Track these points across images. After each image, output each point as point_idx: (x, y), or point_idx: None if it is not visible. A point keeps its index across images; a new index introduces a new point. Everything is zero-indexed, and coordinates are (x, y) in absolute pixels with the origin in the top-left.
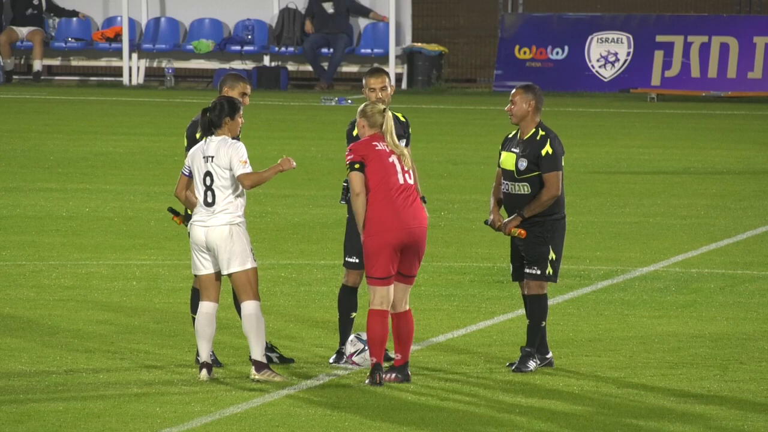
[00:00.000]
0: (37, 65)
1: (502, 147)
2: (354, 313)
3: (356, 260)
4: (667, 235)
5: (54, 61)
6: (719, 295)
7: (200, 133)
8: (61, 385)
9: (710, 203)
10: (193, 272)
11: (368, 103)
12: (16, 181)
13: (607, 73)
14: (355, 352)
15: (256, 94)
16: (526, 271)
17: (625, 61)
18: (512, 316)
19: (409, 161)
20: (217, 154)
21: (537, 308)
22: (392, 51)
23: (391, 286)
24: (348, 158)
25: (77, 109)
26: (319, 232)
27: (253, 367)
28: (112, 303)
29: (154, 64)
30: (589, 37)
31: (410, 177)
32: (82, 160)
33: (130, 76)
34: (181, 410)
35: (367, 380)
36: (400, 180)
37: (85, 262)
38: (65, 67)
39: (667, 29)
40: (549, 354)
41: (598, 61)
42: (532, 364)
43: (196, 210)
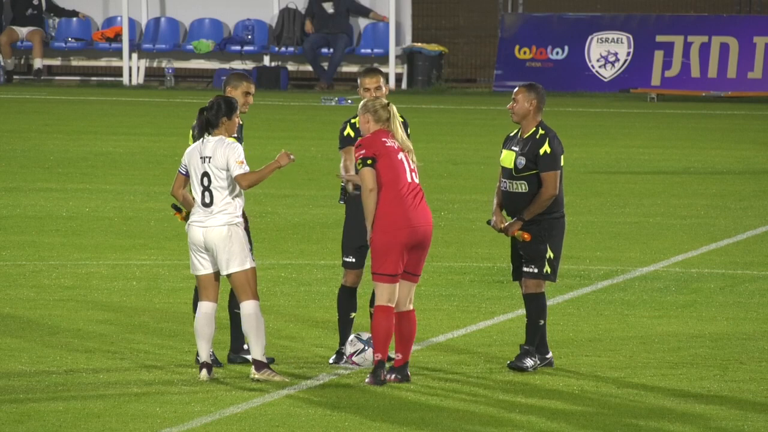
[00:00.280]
0: (38, 63)
1: (503, 145)
2: (354, 314)
3: (353, 260)
4: (667, 235)
5: (54, 61)
6: (719, 295)
7: (197, 133)
8: (61, 385)
9: (710, 203)
10: (192, 272)
11: (370, 98)
12: (16, 181)
13: (607, 73)
14: (355, 352)
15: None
16: (524, 269)
17: (625, 61)
18: (512, 316)
19: (415, 159)
20: (214, 154)
21: (535, 307)
22: (392, 51)
23: (398, 284)
24: (359, 154)
25: (77, 109)
26: (319, 232)
27: (253, 367)
28: (112, 303)
29: (154, 64)
30: (589, 37)
31: (416, 175)
32: (82, 160)
33: (130, 76)
34: (181, 410)
35: (367, 379)
36: (408, 178)
37: (85, 262)
38: (65, 67)
39: (667, 29)
40: (549, 354)
41: (598, 61)
42: (529, 361)
43: (193, 210)
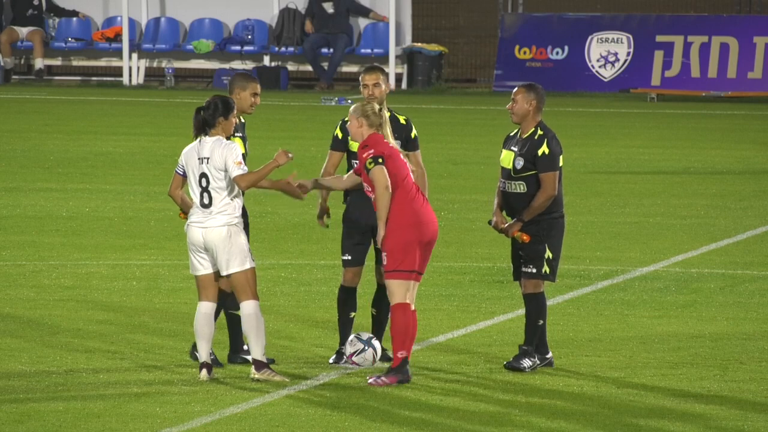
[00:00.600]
0: (38, 64)
1: (503, 145)
2: (354, 313)
3: (348, 257)
4: (667, 235)
5: (54, 61)
6: (719, 295)
7: (194, 133)
8: (61, 385)
9: (710, 203)
10: (191, 273)
11: (363, 102)
12: (16, 181)
13: (607, 73)
14: (355, 352)
15: None
16: (523, 269)
17: (625, 61)
18: (512, 316)
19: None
20: (212, 155)
21: (533, 307)
22: (392, 51)
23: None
24: (368, 154)
25: (77, 109)
26: (319, 232)
27: (253, 367)
28: (112, 303)
29: (154, 64)
30: (589, 37)
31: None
32: (82, 160)
33: (130, 76)
34: (181, 410)
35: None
36: (412, 179)
37: (85, 262)
38: (65, 67)
39: (667, 29)
40: (549, 354)
41: (598, 61)
42: (527, 362)
43: (192, 211)
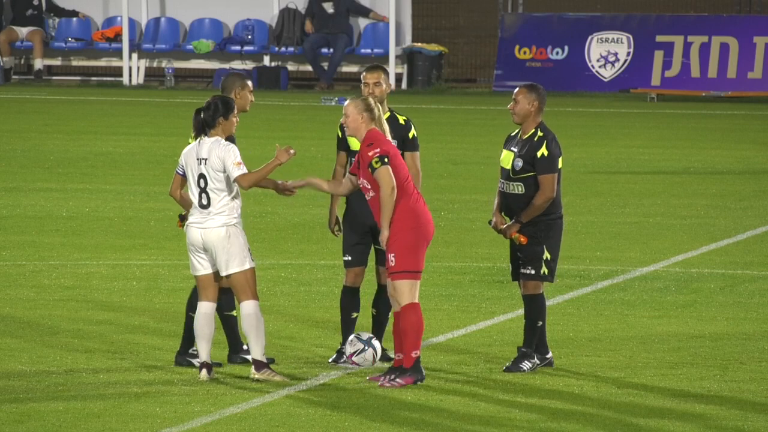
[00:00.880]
0: (38, 64)
1: (504, 145)
2: (356, 313)
3: (348, 258)
4: (667, 235)
5: (54, 61)
6: (719, 295)
7: (194, 134)
8: (61, 385)
9: (710, 203)
10: (191, 273)
11: (360, 96)
12: (16, 181)
13: (607, 73)
14: (355, 352)
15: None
16: (521, 270)
17: (625, 61)
18: (512, 316)
19: None
20: (210, 156)
21: (533, 308)
22: (392, 51)
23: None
24: (374, 152)
25: (77, 109)
26: (319, 232)
27: (253, 367)
28: (112, 303)
29: (154, 64)
30: (589, 37)
31: None
32: (82, 160)
33: (130, 76)
34: (181, 410)
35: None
36: (411, 179)
37: (85, 262)
38: (65, 67)
39: (667, 29)
40: (549, 354)
41: (598, 61)
42: (526, 365)
43: (191, 211)
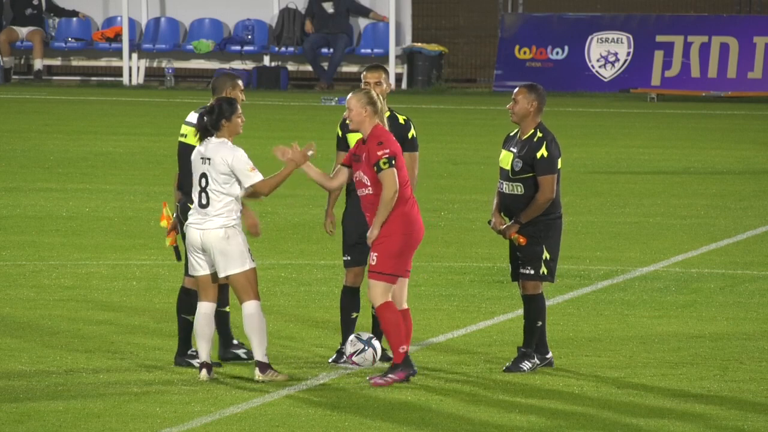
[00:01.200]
0: (38, 64)
1: (503, 144)
2: (356, 313)
3: (348, 257)
4: (667, 235)
5: (54, 61)
6: (719, 295)
7: (197, 138)
8: (61, 385)
9: (710, 203)
10: (191, 273)
11: (363, 90)
12: (16, 181)
13: (607, 73)
14: (355, 352)
15: (256, 94)
16: (521, 271)
17: (625, 61)
18: (512, 316)
19: None
20: (215, 157)
21: (532, 308)
22: (392, 51)
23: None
24: (383, 153)
25: (77, 109)
26: (319, 232)
27: (257, 368)
28: (112, 303)
29: (154, 64)
30: (589, 37)
31: None
32: (82, 160)
33: (130, 76)
34: (181, 410)
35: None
36: (410, 182)
37: (85, 262)
38: (65, 67)
39: (667, 29)
40: (549, 354)
41: (598, 61)
42: (526, 365)
43: (191, 212)
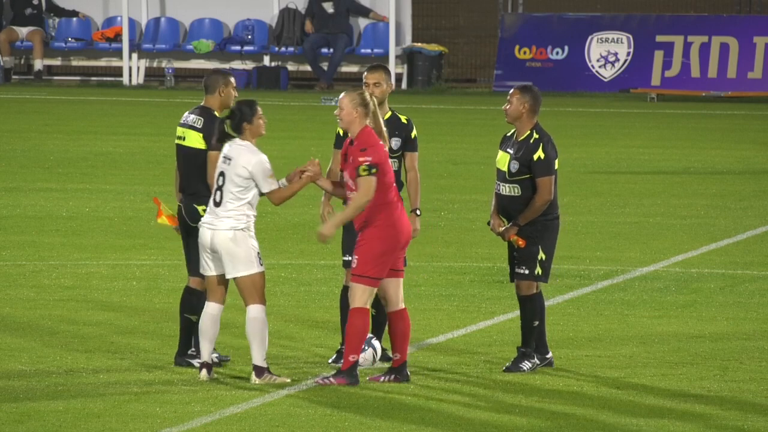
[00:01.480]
0: (38, 64)
1: (500, 145)
2: None
3: (348, 258)
4: (667, 235)
5: (54, 61)
6: (719, 295)
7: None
8: (61, 385)
9: (710, 203)
10: (201, 272)
11: (357, 90)
12: (16, 181)
13: (607, 73)
14: None
15: (256, 94)
16: (516, 270)
17: (625, 61)
18: (512, 316)
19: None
20: (237, 159)
21: (528, 308)
22: (392, 51)
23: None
24: (365, 160)
25: (77, 109)
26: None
27: (254, 372)
28: (112, 303)
29: (154, 64)
30: (589, 37)
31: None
32: (82, 160)
33: (130, 76)
34: (181, 410)
35: (335, 379)
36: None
37: (85, 262)
38: (65, 67)
39: (667, 29)
40: (549, 354)
41: (598, 61)
42: (526, 365)
43: (207, 211)
